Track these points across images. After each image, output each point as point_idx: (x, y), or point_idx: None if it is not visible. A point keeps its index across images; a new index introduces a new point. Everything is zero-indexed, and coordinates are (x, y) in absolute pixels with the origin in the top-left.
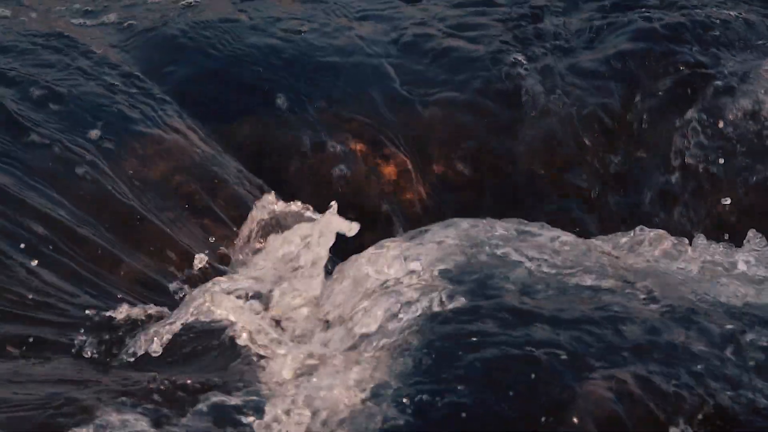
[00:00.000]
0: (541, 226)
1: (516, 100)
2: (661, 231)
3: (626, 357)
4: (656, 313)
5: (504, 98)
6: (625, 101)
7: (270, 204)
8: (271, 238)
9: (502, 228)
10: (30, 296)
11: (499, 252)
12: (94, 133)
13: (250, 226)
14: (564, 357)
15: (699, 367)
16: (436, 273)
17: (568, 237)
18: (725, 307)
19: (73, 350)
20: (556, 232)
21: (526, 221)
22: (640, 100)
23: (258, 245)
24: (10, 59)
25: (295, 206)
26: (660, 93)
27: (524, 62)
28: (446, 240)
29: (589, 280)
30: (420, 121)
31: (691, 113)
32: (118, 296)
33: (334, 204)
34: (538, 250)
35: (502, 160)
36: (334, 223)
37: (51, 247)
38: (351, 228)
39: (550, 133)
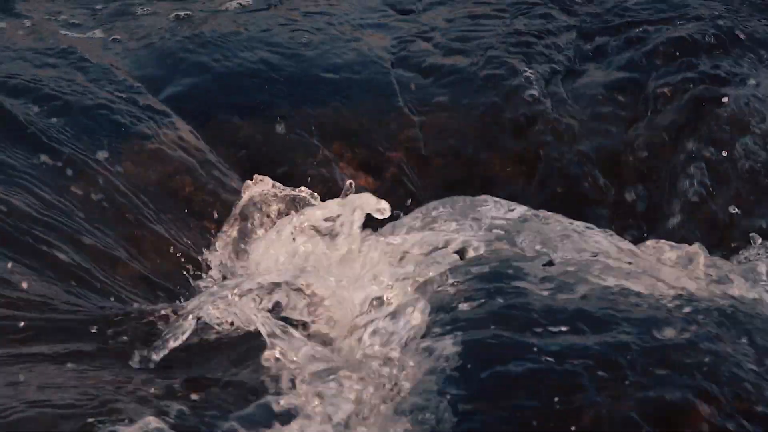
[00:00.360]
0: (548, 214)
1: (525, 128)
2: (668, 241)
3: (666, 373)
4: (695, 320)
5: (512, 125)
6: (638, 128)
7: (268, 186)
8: (282, 223)
9: (509, 212)
10: (46, 300)
11: (511, 241)
12: (97, 141)
13: (244, 210)
14: (595, 371)
15: (747, 387)
16: (445, 269)
17: (581, 225)
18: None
19: (99, 353)
20: (566, 219)
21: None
22: (655, 126)
23: (263, 232)
24: (10, 69)
25: (302, 192)
26: (674, 118)
27: (531, 85)
28: (451, 225)
29: (614, 278)
30: (422, 147)
31: (704, 141)
32: (134, 298)
33: (351, 183)
34: (552, 240)
35: (509, 193)
36: (365, 203)
37: (61, 251)
38: (383, 208)
39: (561, 167)
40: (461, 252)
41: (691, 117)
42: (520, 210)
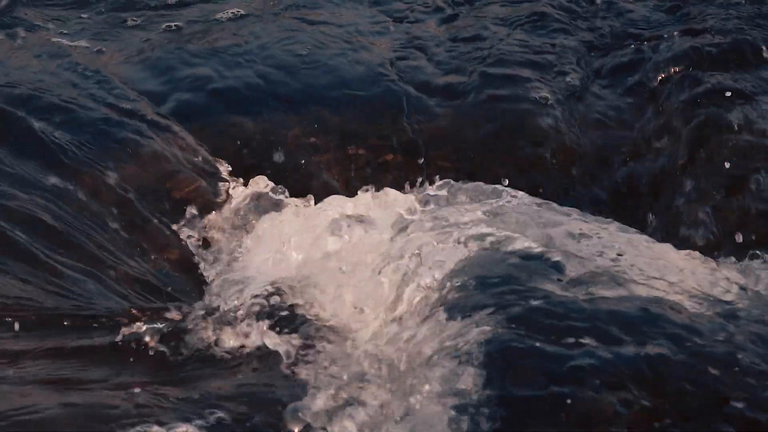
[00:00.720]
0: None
1: (528, 146)
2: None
3: (707, 398)
4: (737, 332)
5: (513, 140)
6: (645, 156)
7: (264, 187)
8: (310, 212)
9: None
10: (65, 303)
11: (527, 235)
12: (100, 148)
13: (242, 210)
14: (626, 395)
15: None
16: (462, 267)
17: (600, 220)
18: None
19: (123, 355)
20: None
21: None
22: (662, 157)
23: (262, 231)
24: (8, 79)
25: (297, 198)
26: (682, 146)
27: (536, 104)
28: (461, 216)
29: (644, 281)
30: (423, 154)
31: (714, 176)
32: (146, 298)
33: (371, 188)
34: (570, 236)
35: None
36: (397, 200)
37: (68, 253)
38: (414, 209)
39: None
40: (476, 247)
41: (700, 146)
42: (534, 201)
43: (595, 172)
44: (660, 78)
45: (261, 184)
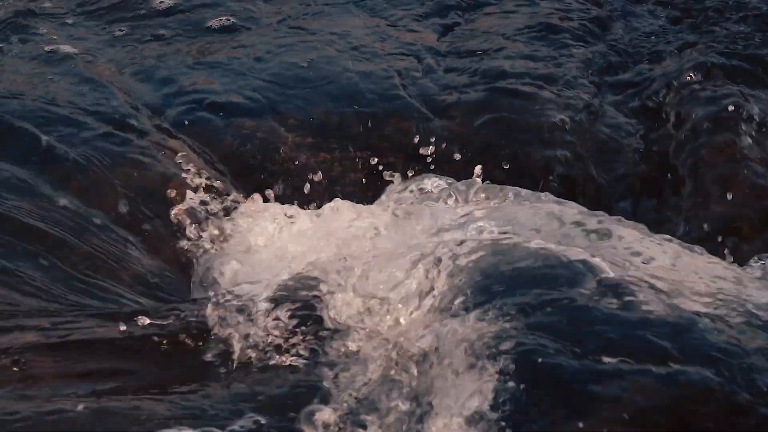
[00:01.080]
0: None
1: (530, 158)
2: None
3: None
4: None
5: (515, 152)
6: (654, 178)
7: (260, 206)
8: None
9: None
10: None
11: (550, 239)
12: (100, 154)
13: (241, 222)
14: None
15: None
16: (483, 269)
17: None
18: None
19: (133, 355)
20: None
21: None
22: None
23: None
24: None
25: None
26: (696, 169)
27: (543, 117)
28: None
29: (679, 291)
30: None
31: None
32: (155, 299)
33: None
34: (590, 237)
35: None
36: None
37: (71, 257)
38: (431, 210)
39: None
40: (494, 247)
41: (711, 181)
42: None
43: (598, 200)
44: (668, 97)
45: (262, 189)
